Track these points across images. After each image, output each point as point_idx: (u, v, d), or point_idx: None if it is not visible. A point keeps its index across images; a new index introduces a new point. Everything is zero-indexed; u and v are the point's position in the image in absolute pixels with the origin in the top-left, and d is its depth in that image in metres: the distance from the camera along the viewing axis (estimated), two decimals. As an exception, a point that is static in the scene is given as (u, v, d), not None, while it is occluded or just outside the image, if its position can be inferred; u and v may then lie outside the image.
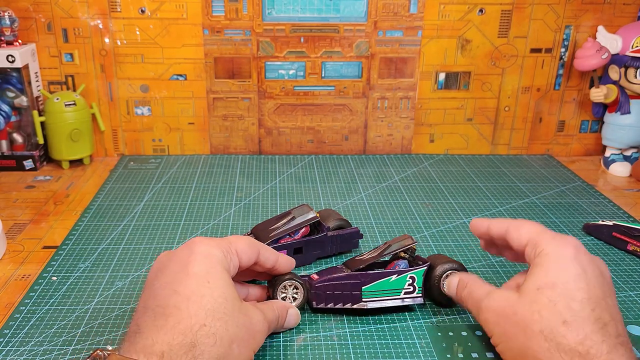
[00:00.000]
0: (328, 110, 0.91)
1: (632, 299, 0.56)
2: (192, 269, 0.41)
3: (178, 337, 0.37)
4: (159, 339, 0.37)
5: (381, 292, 0.51)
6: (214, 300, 0.40)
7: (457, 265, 0.52)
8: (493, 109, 0.93)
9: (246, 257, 0.47)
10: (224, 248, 0.45)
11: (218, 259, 0.43)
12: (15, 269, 0.60)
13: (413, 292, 0.52)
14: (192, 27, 0.85)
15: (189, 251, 0.43)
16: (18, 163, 0.85)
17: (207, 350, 0.37)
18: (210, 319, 0.39)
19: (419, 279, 0.52)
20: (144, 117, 0.90)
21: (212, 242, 0.45)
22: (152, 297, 0.41)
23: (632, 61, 0.83)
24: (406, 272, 0.52)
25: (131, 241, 0.65)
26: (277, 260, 0.50)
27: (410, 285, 0.52)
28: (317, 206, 0.75)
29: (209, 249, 0.43)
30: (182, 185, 0.81)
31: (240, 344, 0.40)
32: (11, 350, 0.47)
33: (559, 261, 0.43)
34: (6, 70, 0.81)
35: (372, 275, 0.51)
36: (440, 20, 0.87)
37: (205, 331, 0.38)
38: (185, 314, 0.38)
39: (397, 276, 0.51)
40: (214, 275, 0.41)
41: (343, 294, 0.51)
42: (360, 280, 0.51)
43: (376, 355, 0.47)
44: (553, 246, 0.44)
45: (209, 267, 0.42)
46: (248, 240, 0.48)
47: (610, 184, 0.85)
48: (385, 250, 0.54)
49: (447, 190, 0.81)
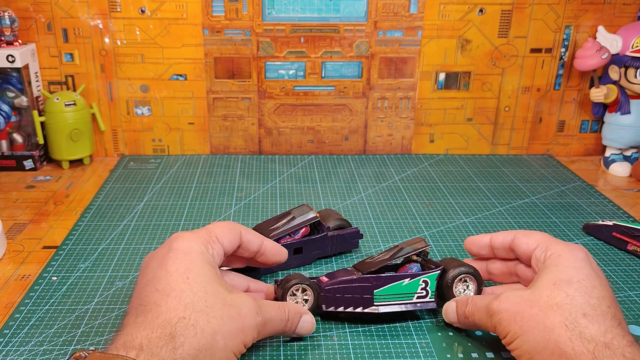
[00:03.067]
0: (328, 110, 0.91)
1: (632, 299, 0.56)
2: (171, 266, 0.42)
3: (157, 330, 0.37)
4: (138, 334, 0.37)
5: (393, 296, 0.50)
6: (194, 295, 0.40)
7: (471, 269, 0.51)
8: (493, 109, 0.93)
9: (228, 242, 0.47)
10: (204, 239, 0.45)
11: (198, 252, 0.43)
12: (15, 269, 0.60)
13: (426, 296, 0.51)
14: (192, 27, 0.85)
15: (168, 248, 0.44)
16: (18, 163, 0.85)
17: (187, 342, 0.37)
18: (190, 311, 0.39)
19: (432, 283, 0.51)
20: (144, 117, 0.90)
21: (192, 236, 0.45)
22: (136, 296, 0.41)
23: (632, 61, 0.83)
24: (419, 276, 0.50)
25: (131, 241, 0.65)
26: (261, 243, 0.50)
27: (423, 289, 0.51)
28: (317, 206, 0.75)
29: (188, 243, 0.44)
30: (182, 185, 0.81)
31: (225, 336, 0.40)
32: (11, 350, 0.47)
33: (573, 261, 0.44)
34: (6, 70, 0.81)
35: (384, 279, 0.50)
36: (440, 20, 0.87)
37: (184, 323, 0.38)
38: (164, 308, 0.39)
39: (409, 280, 0.50)
40: (193, 271, 0.42)
41: (354, 297, 0.50)
42: (372, 283, 0.50)
43: (376, 355, 0.47)
44: (564, 249, 0.45)
45: (189, 262, 0.42)
46: (228, 225, 0.48)
47: (610, 184, 0.85)
48: (397, 252, 0.52)
49: (447, 190, 0.81)
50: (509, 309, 0.43)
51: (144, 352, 0.36)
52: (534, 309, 0.41)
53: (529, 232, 0.49)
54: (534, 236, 0.48)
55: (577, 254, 0.44)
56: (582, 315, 0.39)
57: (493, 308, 0.44)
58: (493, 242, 0.51)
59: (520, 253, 0.49)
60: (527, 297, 0.42)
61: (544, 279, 0.43)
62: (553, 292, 0.41)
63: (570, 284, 0.41)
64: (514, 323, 0.42)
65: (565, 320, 0.39)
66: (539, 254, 0.46)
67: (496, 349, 0.48)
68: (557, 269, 0.43)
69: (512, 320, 0.42)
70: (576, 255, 0.44)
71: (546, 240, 0.47)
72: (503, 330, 0.43)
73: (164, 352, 0.36)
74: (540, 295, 0.42)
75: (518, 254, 0.49)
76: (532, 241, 0.48)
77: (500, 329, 0.43)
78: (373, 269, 0.51)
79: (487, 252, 0.52)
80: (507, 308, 0.43)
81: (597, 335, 0.38)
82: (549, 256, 0.45)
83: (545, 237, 0.48)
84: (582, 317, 0.39)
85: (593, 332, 0.38)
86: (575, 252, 0.45)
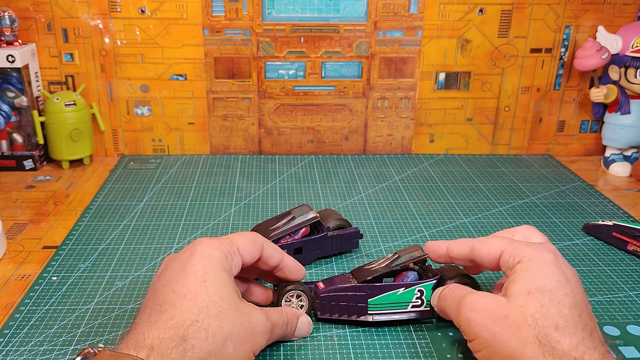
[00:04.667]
0: (328, 110, 0.91)
1: (632, 299, 0.56)
2: (190, 269, 0.42)
3: (169, 332, 0.38)
4: (150, 334, 0.37)
5: (388, 305, 0.50)
6: (209, 299, 0.40)
7: (468, 280, 0.50)
8: (493, 109, 0.93)
9: (248, 254, 0.47)
10: (225, 248, 0.45)
11: (218, 259, 0.43)
12: (15, 269, 0.60)
13: (421, 305, 0.50)
14: (192, 27, 0.85)
15: (190, 252, 0.44)
16: (18, 163, 0.85)
17: (198, 345, 0.38)
18: (203, 315, 0.39)
19: (427, 292, 0.50)
20: (144, 117, 0.90)
21: (214, 243, 0.45)
22: (152, 296, 0.42)
23: (632, 61, 0.83)
24: (414, 286, 0.50)
25: (131, 241, 0.65)
26: (282, 259, 0.49)
27: (418, 298, 0.50)
28: (317, 206, 0.75)
29: (210, 250, 0.44)
30: (182, 185, 0.81)
31: (236, 342, 0.40)
32: (11, 350, 0.47)
33: (544, 266, 0.42)
34: (6, 70, 0.81)
35: (379, 288, 0.50)
36: (440, 20, 0.87)
37: (196, 327, 0.38)
38: (178, 310, 0.39)
39: (404, 289, 0.50)
40: (211, 275, 0.42)
41: (348, 305, 0.50)
42: (367, 292, 0.50)
43: (376, 355, 0.47)
44: (533, 252, 0.43)
45: (207, 267, 0.42)
46: (251, 236, 0.48)
47: (610, 184, 0.84)
48: (394, 261, 0.52)
49: (447, 190, 0.81)
50: (483, 312, 0.42)
51: (155, 352, 0.36)
52: (508, 319, 0.40)
53: (485, 240, 0.47)
54: (493, 243, 0.46)
55: (546, 257, 0.43)
56: (554, 329, 0.39)
57: (465, 305, 0.43)
58: (450, 253, 0.49)
59: (485, 263, 0.47)
60: (502, 304, 0.41)
61: (517, 287, 0.42)
62: (528, 301, 0.40)
63: (544, 293, 0.40)
64: (485, 329, 0.41)
65: (538, 334, 0.39)
66: (506, 260, 0.44)
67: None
68: (530, 275, 0.42)
69: (483, 326, 0.41)
70: (545, 259, 0.43)
71: (509, 245, 0.45)
72: (471, 333, 0.42)
73: (174, 354, 0.36)
74: (515, 305, 0.41)
75: (482, 264, 0.47)
76: (493, 249, 0.46)
77: (468, 330, 0.42)
78: (369, 278, 0.51)
79: (445, 260, 0.50)
80: (480, 310, 0.42)
81: (569, 349, 0.38)
82: (517, 261, 0.43)
83: (506, 241, 0.46)
84: (555, 331, 0.39)
85: (565, 346, 0.38)
86: (544, 256, 0.43)
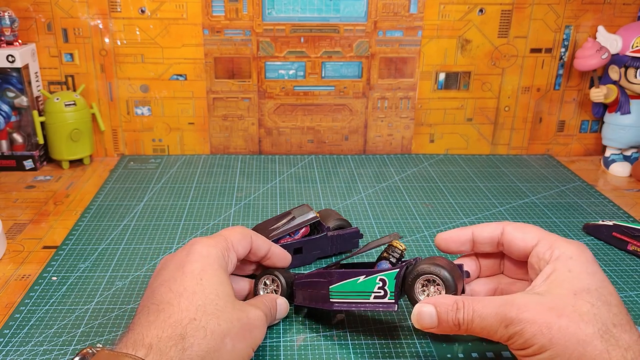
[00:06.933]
0: (328, 110, 0.91)
1: (632, 299, 0.56)
2: (188, 267, 0.43)
3: (167, 330, 0.38)
4: (149, 333, 0.38)
5: (348, 293, 0.47)
6: (205, 297, 0.41)
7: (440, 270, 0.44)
8: (493, 109, 0.93)
9: (241, 248, 0.48)
10: (222, 246, 0.46)
11: (215, 258, 0.44)
12: (15, 269, 0.60)
13: (384, 296, 0.45)
14: (192, 27, 0.85)
15: (187, 251, 0.45)
16: (18, 163, 0.85)
17: (196, 343, 0.38)
18: (201, 313, 0.40)
19: (390, 282, 0.45)
20: (144, 117, 0.90)
21: (211, 242, 0.46)
22: (149, 295, 0.42)
23: (632, 61, 0.83)
24: (375, 274, 0.46)
25: (131, 241, 0.65)
26: (269, 249, 0.51)
27: (381, 288, 0.46)
28: (317, 206, 0.75)
29: (207, 248, 0.45)
30: (182, 185, 0.81)
31: (234, 339, 0.40)
32: (11, 350, 0.47)
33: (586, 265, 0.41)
34: (6, 70, 0.81)
35: (339, 274, 0.47)
36: (440, 20, 0.87)
37: (195, 325, 0.39)
38: (176, 308, 0.39)
39: (365, 277, 0.46)
40: (208, 273, 0.43)
41: (313, 292, 0.49)
42: (327, 279, 0.48)
43: (376, 355, 0.47)
44: (574, 250, 0.42)
45: (204, 265, 0.43)
46: (240, 230, 0.49)
47: (610, 184, 0.84)
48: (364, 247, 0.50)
49: (447, 190, 0.81)
50: (534, 319, 0.38)
51: (153, 351, 0.36)
52: (562, 319, 0.37)
53: (520, 225, 0.45)
54: (530, 231, 0.44)
55: (588, 256, 0.42)
56: (612, 326, 0.37)
57: (511, 317, 0.38)
58: (477, 237, 0.47)
59: (514, 249, 0.45)
60: (551, 305, 0.38)
61: (561, 286, 0.39)
62: (577, 302, 0.38)
63: (590, 293, 0.39)
64: (541, 335, 0.37)
65: (599, 330, 0.37)
66: (542, 252, 0.43)
67: (496, 349, 0.48)
68: (572, 275, 0.40)
69: (538, 332, 0.37)
70: (587, 258, 0.41)
71: (547, 236, 0.43)
72: (526, 343, 0.38)
73: (172, 352, 0.37)
74: (565, 306, 0.38)
75: (510, 249, 0.45)
76: (529, 237, 0.44)
77: (522, 340, 0.38)
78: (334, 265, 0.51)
79: (467, 249, 0.48)
80: (531, 318, 0.38)
81: (631, 343, 0.37)
82: (556, 257, 0.41)
83: (543, 232, 0.44)
84: (613, 327, 0.37)
85: (627, 340, 0.37)
86: (585, 255, 0.42)
